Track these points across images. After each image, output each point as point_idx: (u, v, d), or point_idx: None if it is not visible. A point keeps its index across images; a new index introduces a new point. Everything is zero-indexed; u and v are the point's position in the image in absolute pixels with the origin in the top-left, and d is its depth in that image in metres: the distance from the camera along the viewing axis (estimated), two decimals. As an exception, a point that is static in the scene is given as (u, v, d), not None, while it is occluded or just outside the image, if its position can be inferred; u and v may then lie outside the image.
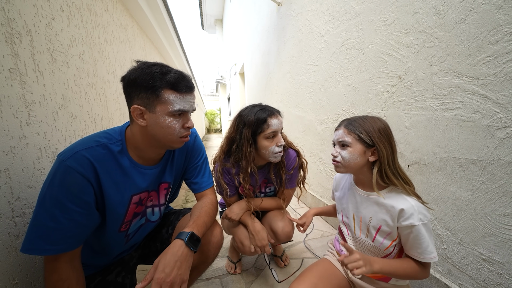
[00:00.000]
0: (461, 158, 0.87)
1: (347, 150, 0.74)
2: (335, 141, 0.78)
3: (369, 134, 0.71)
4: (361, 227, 0.81)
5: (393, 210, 0.71)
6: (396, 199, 0.71)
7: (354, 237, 0.84)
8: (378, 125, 0.73)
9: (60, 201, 0.59)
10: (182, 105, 0.67)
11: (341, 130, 0.76)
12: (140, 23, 2.23)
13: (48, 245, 0.59)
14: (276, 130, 1.00)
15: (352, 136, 0.73)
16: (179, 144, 0.73)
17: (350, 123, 0.76)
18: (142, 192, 0.76)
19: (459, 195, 0.89)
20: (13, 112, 0.73)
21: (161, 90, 0.64)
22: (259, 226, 1.07)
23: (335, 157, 0.77)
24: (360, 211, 0.81)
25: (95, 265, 0.81)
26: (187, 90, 0.68)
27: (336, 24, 1.64)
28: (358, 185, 0.82)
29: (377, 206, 0.76)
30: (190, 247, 0.67)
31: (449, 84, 0.90)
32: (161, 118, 0.66)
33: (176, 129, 0.69)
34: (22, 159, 0.76)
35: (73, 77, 1.08)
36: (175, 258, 0.63)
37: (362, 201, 0.80)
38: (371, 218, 0.77)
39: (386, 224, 0.73)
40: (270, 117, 0.99)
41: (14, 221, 0.72)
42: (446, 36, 0.89)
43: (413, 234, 0.67)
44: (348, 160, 0.74)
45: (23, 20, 0.81)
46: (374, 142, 0.71)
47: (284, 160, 1.11)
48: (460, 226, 0.90)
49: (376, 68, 1.29)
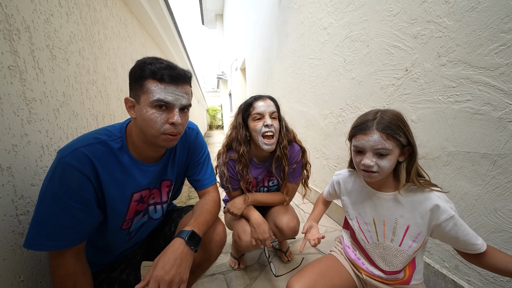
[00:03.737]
0: (471, 152, 0.85)
1: (387, 158, 0.63)
2: (368, 148, 0.65)
3: (406, 135, 0.64)
4: (385, 232, 0.74)
5: (422, 206, 0.66)
6: (422, 195, 0.67)
7: (377, 244, 0.76)
8: (404, 120, 0.65)
9: (60, 197, 0.59)
10: (163, 96, 0.62)
11: (376, 135, 0.63)
12: (140, 19, 2.20)
13: (50, 241, 0.59)
14: (261, 112, 1.02)
15: (392, 141, 0.63)
16: (162, 141, 0.66)
17: (382, 124, 0.63)
18: (143, 190, 0.75)
19: (468, 190, 0.87)
20: (14, 110, 0.73)
21: (145, 80, 0.63)
22: (260, 218, 1.06)
23: (371, 167, 0.65)
24: (382, 214, 0.74)
25: (99, 262, 0.81)
26: (170, 80, 0.63)
27: (339, 16, 1.60)
28: (373, 187, 0.76)
29: (402, 205, 0.70)
30: (191, 246, 0.66)
31: (459, 76, 0.87)
32: (143, 110, 0.64)
33: (157, 123, 0.63)
34: (24, 157, 0.75)
35: (73, 74, 1.07)
36: (174, 256, 0.62)
37: (382, 203, 0.73)
38: (397, 220, 0.71)
39: (415, 223, 0.68)
40: (256, 100, 1.05)
41: (18, 219, 0.71)
42: (456, 25, 0.86)
43: (456, 225, 0.62)
44: (388, 168, 0.64)
45: (21, 16, 0.79)
46: (410, 142, 0.64)
47: (287, 152, 1.09)
48: (469, 222, 0.88)
49: (381, 60, 1.25)
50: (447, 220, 0.62)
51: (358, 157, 0.70)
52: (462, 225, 0.62)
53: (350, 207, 0.84)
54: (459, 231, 0.62)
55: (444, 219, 0.63)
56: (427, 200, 0.65)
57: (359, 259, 0.83)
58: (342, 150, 1.73)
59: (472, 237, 0.62)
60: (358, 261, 0.83)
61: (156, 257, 0.63)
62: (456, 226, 0.62)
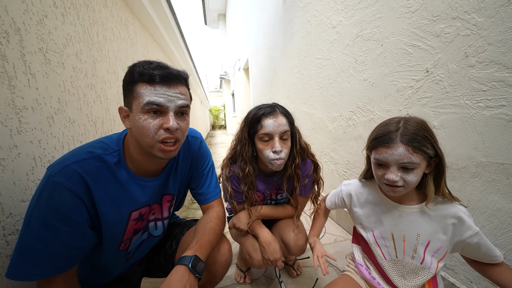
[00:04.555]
0: (505, 164, 0.76)
1: (414, 173, 0.58)
2: (392, 162, 0.60)
3: (433, 146, 0.59)
4: (405, 248, 0.69)
5: (446, 221, 0.62)
6: (447, 208, 0.63)
7: (396, 261, 0.71)
8: (430, 129, 0.61)
9: (47, 221, 0.52)
10: (153, 98, 0.56)
11: (401, 148, 0.58)
12: (142, 20, 2.14)
13: (36, 269, 0.52)
14: (270, 133, 0.87)
15: (418, 155, 0.57)
16: (159, 151, 0.60)
17: (407, 136, 0.58)
18: (143, 207, 0.69)
19: (502, 205, 0.78)
20: (1, 120, 0.66)
21: (135, 84, 0.57)
22: (270, 237, 0.98)
23: (396, 182, 0.60)
24: (402, 228, 0.68)
25: (96, 283, 0.75)
26: (161, 80, 0.57)
27: (350, 14, 1.51)
28: (393, 199, 0.70)
29: (426, 219, 0.65)
30: (195, 274, 0.59)
31: (491, 78, 0.78)
32: (136, 117, 0.57)
33: (150, 130, 0.57)
34: (13, 171, 0.69)
35: (69, 79, 1.00)
36: (182, 284, 0.56)
37: (404, 217, 0.68)
38: (419, 235, 0.66)
39: (436, 238, 0.64)
40: (265, 116, 0.87)
41: (6, 240, 0.65)
42: (488, 22, 0.77)
43: (481, 240, 0.61)
44: (415, 183, 0.60)
45: (10, 17, 0.73)
46: (437, 153, 0.59)
47: (299, 172, 0.99)
48: (502, 241, 0.79)
49: (397, 61, 1.16)
50: (471, 236, 0.61)
51: (381, 170, 0.64)
52: (485, 240, 0.61)
53: (364, 220, 0.77)
54: (482, 246, 0.61)
55: (469, 235, 0.61)
56: (452, 214, 0.62)
57: (374, 278, 0.77)
58: (352, 155, 1.65)
59: (493, 249, 0.62)
60: (373, 281, 0.77)
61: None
62: (480, 240, 0.61)
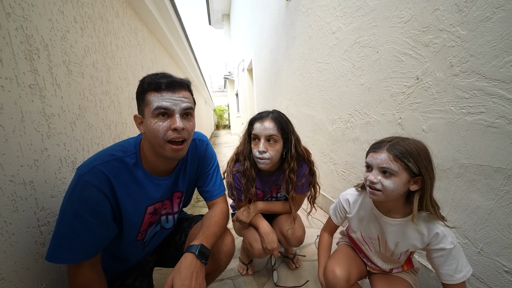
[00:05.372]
0: (484, 165, 0.83)
1: (392, 179, 0.65)
2: (375, 165, 0.68)
3: (417, 163, 0.64)
4: (386, 248, 0.81)
5: (425, 236, 0.70)
6: (426, 225, 0.70)
7: (379, 252, 0.86)
8: (423, 151, 0.66)
9: (79, 213, 0.62)
10: (160, 103, 0.65)
11: (384, 154, 0.66)
12: (149, 26, 2.24)
13: (69, 255, 0.62)
14: (257, 134, 1.00)
15: (399, 164, 0.64)
16: (168, 151, 0.68)
17: (393, 146, 0.66)
18: (157, 203, 0.78)
19: (480, 203, 0.85)
20: (34, 127, 0.76)
21: (145, 94, 0.67)
22: (269, 228, 1.08)
23: (374, 183, 0.68)
24: (386, 235, 0.79)
25: (114, 270, 0.85)
26: (166, 87, 0.66)
27: (348, 21, 1.58)
28: (381, 210, 0.78)
29: (405, 232, 0.74)
30: (201, 260, 0.68)
31: (472, 87, 0.85)
32: (148, 122, 0.67)
33: (160, 131, 0.65)
34: (44, 171, 0.79)
35: (88, 87, 1.10)
36: (190, 270, 0.65)
37: (387, 227, 0.77)
38: (398, 243, 0.76)
39: (414, 248, 0.74)
40: (256, 120, 1.03)
41: (40, 230, 0.75)
42: (470, 35, 0.84)
43: (443, 257, 0.67)
44: (392, 190, 0.66)
45: (40, 35, 0.83)
46: (421, 172, 0.64)
47: (292, 177, 1.07)
48: (480, 236, 0.86)
49: (391, 67, 1.23)
50: (439, 249, 0.68)
51: (366, 173, 0.73)
52: (454, 259, 0.67)
53: (356, 223, 0.88)
54: (445, 263, 0.68)
55: (437, 248, 0.68)
56: (431, 228, 0.69)
57: (362, 258, 0.95)
58: (350, 156, 1.72)
59: (456, 270, 0.67)
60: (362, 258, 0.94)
61: (170, 276, 0.65)
62: (447, 257, 0.67)
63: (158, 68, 2.49)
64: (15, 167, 0.68)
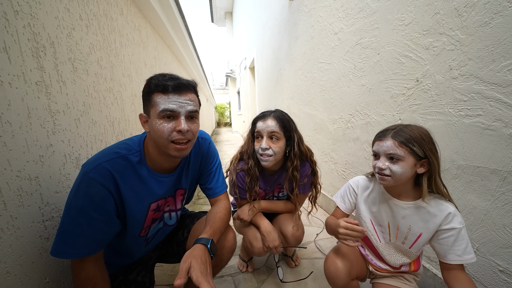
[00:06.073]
0: (480, 167, 0.85)
1: (399, 164, 0.68)
2: (382, 153, 0.72)
3: (421, 147, 0.67)
4: (398, 235, 0.81)
5: (438, 217, 0.72)
6: (438, 206, 0.72)
7: (389, 243, 0.85)
8: (426, 135, 0.70)
9: (84, 210, 0.64)
10: (167, 105, 0.66)
11: (389, 141, 0.70)
12: (153, 23, 2.25)
13: (73, 250, 0.64)
14: (259, 131, 1.05)
15: (404, 149, 0.68)
16: (173, 150, 0.70)
17: (398, 133, 0.70)
18: (160, 200, 0.80)
19: (477, 204, 0.87)
20: (40, 123, 0.78)
21: (152, 94, 0.68)
22: (270, 227, 1.10)
23: (383, 169, 0.71)
24: (398, 220, 0.80)
25: (117, 264, 0.87)
26: (173, 90, 0.67)
27: (350, 22, 1.59)
28: (393, 194, 0.80)
29: (418, 215, 0.75)
30: (210, 254, 0.71)
31: (470, 90, 0.86)
32: (153, 122, 0.68)
33: (165, 132, 0.67)
34: (49, 167, 0.81)
35: (92, 84, 1.12)
36: (203, 258, 0.67)
37: (399, 211, 0.78)
38: (411, 227, 0.77)
39: (427, 230, 0.74)
40: (259, 119, 1.07)
41: (44, 225, 0.77)
42: (468, 39, 0.85)
43: (453, 237, 0.69)
44: (400, 174, 0.69)
45: (46, 33, 0.84)
46: (426, 155, 0.68)
47: (296, 174, 1.09)
48: (476, 236, 0.88)
49: (392, 69, 1.25)
50: (449, 229, 0.70)
51: (374, 161, 0.76)
52: (462, 239, 0.69)
53: (366, 209, 0.88)
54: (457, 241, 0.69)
55: (447, 228, 0.70)
56: (443, 209, 0.71)
57: (368, 255, 0.92)
58: (350, 156, 1.74)
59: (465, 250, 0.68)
60: (366, 257, 0.92)
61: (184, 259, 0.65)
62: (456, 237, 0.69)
63: (160, 66, 2.50)
64: (21, 162, 0.69)
